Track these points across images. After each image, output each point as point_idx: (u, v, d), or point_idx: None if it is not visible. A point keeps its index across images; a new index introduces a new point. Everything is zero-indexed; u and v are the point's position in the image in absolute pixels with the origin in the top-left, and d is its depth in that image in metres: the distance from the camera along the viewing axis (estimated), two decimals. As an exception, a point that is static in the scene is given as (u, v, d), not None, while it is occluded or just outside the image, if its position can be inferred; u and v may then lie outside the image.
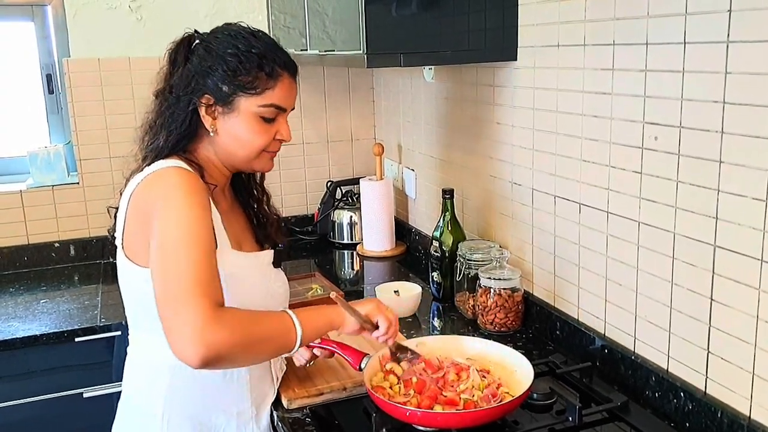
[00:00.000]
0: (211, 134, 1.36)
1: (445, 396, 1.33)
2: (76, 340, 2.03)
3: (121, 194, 1.38)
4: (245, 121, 1.35)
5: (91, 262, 2.59)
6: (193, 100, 1.34)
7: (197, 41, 1.38)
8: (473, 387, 1.35)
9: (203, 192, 1.29)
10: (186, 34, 1.41)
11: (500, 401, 1.30)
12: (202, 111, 1.35)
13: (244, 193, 1.54)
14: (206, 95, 1.34)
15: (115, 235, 1.37)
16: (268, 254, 1.49)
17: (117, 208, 1.39)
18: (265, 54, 1.34)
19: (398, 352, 1.46)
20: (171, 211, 1.24)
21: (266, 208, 1.56)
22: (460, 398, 1.32)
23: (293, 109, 1.42)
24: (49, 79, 2.62)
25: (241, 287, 1.38)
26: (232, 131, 1.36)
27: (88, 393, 2.08)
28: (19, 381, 2.03)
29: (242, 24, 1.40)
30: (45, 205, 2.54)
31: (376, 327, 1.40)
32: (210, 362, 1.13)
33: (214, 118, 1.36)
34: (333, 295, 1.39)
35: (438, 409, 1.30)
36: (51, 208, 2.55)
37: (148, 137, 1.40)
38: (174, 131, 1.36)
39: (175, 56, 1.39)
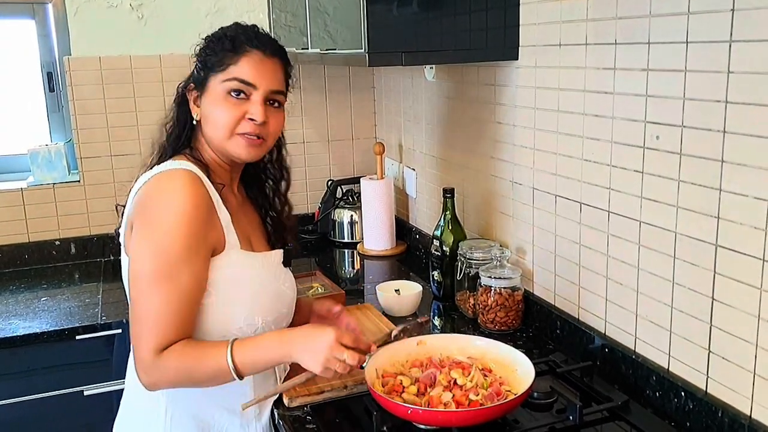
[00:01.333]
0: (195, 123, 1.40)
1: (452, 394, 1.33)
2: (77, 337, 2.03)
3: (129, 192, 1.40)
4: (214, 100, 1.36)
5: (91, 260, 2.60)
6: (184, 93, 1.40)
7: None
8: (477, 386, 1.35)
9: (201, 204, 1.30)
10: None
11: (504, 399, 1.30)
12: (191, 102, 1.40)
13: (262, 199, 1.54)
14: (190, 84, 1.40)
15: (120, 231, 1.38)
16: (278, 254, 1.49)
17: (125, 206, 1.40)
18: (235, 35, 1.37)
19: (385, 342, 1.47)
20: (153, 238, 1.28)
21: (285, 218, 1.56)
22: (468, 398, 1.32)
23: (278, 92, 1.39)
24: (49, 77, 2.62)
25: (248, 288, 1.38)
26: (206, 113, 1.38)
27: (89, 390, 2.08)
28: (20, 379, 2.03)
29: (243, 22, 1.42)
30: (46, 203, 2.54)
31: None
32: (152, 389, 1.32)
33: (198, 106, 1.39)
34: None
35: (441, 407, 1.30)
36: (52, 206, 2.55)
37: (155, 136, 1.45)
38: (172, 127, 1.41)
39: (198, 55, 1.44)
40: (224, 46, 1.36)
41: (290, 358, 1.33)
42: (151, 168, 1.37)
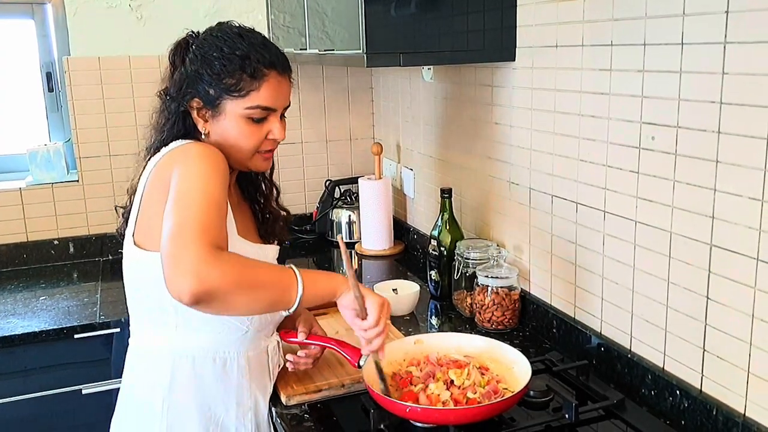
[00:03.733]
0: (203, 137, 1.38)
1: (450, 392, 1.34)
2: (75, 336, 2.04)
3: (128, 191, 1.40)
4: (233, 124, 1.35)
5: (90, 259, 2.60)
6: (183, 104, 1.37)
7: (192, 44, 1.40)
8: (474, 384, 1.36)
9: (223, 162, 1.30)
10: (184, 36, 1.42)
11: (502, 397, 1.31)
12: (194, 114, 1.38)
13: (251, 188, 1.55)
14: (195, 99, 1.36)
15: (127, 223, 1.38)
16: (274, 249, 1.51)
17: (124, 207, 1.41)
18: (249, 55, 1.33)
19: (380, 372, 1.37)
20: (188, 168, 1.26)
21: (274, 204, 1.56)
22: (465, 396, 1.33)
23: (288, 106, 1.41)
24: (48, 77, 2.62)
25: None
26: (222, 134, 1.37)
27: (87, 389, 2.08)
28: (18, 377, 2.04)
29: (234, 23, 1.40)
30: (44, 202, 2.54)
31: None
32: (201, 299, 1.11)
33: (206, 120, 1.38)
34: (339, 237, 1.36)
35: (439, 404, 1.31)
36: (50, 205, 2.55)
37: (148, 134, 1.43)
38: (167, 132, 1.39)
39: (173, 58, 1.42)
40: (237, 67, 1.32)
41: (344, 288, 1.30)
42: (147, 162, 1.37)
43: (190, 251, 1.12)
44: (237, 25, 1.40)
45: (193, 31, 1.42)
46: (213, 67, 1.34)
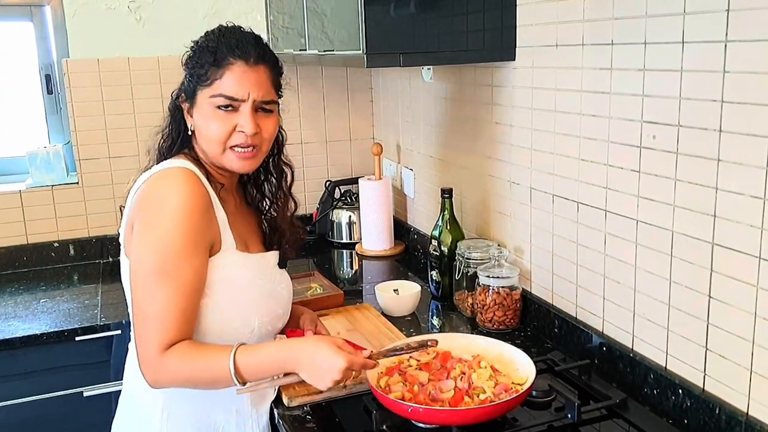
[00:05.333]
0: (190, 133, 1.40)
1: (459, 389, 1.34)
2: (76, 339, 2.04)
3: (128, 193, 1.40)
4: (203, 114, 1.36)
5: (90, 261, 2.60)
6: (176, 102, 1.41)
7: None
8: (485, 382, 1.36)
9: (199, 201, 1.30)
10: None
11: (514, 394, 1.31)
12: (185, 112, 1.40)
13: (257, 194, 1.54)
14: (181, 94, 1.40)
15: (120, 232, 1.39)
16: (274, 255, 1.50)
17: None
18: (218, 46, 1.34)
19: (388, 355, 1.41)
20: (153, 235, 1.28)
21: (288, 219, 1.54)
22: (475, 395, 1.33)
23: (260, 100, 1.35)
24: (48, 79, 2.62)
25: (244, 289, 1.39)
26: (198, 126, 1.38)
27: (88, 392, 2.08)
28: (19, 380, 2.03)
29: (230, 24, 1.41)
30: (44, 205, 2.54)
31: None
32: (161, 388, 1.33)
33: (191, 116, 1.40)
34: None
35: (444, 403, 1.31)
36: (50, 208, 2.55)
37: (151, 140, 1.45)
38: (167, 134, 1.42)
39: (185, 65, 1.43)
40: (207, 58, 1.34)
41: (294, 369, 1.29)
42: (149, 169, 1.37)
43: (142, 353, 1.30)
44: (231, 25, 1.40)
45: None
46: (190, 60, 1.37)
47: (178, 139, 1.41)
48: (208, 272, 1.33)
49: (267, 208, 1.55)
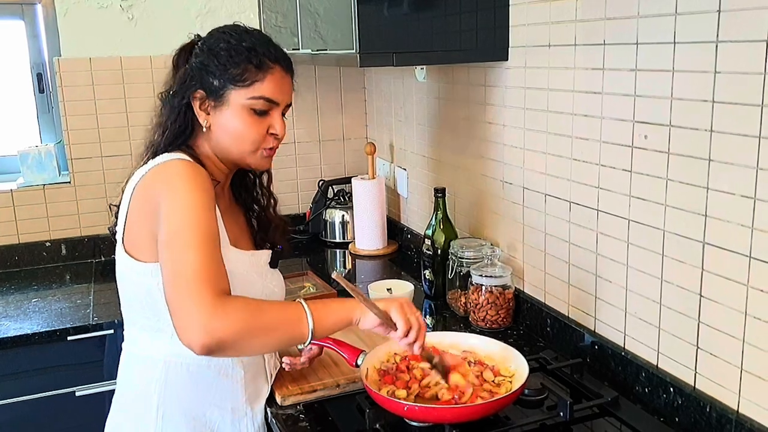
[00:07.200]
0: (205, 130, 1.38)
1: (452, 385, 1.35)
2: (69, 338, 2.03)
3: (122, 191, 1.39)
4: (236, 114, 1.35)
5: (82, 261, 2.59)
6: (186, 96, 1.36)
7: (197, 43, 1.40)
8: (480, 379, 1.37)
9: (208, 181, 1.30)
10: (189, 40, 1.43)
11: (508, 392, 1.32)
12: (196, 106, 1.37)
13: (245, 195, 1.54)
14: (199, 90, 1.36)
15: (116, 230, 1.38)
16: (266, 254, 1.50)
17: (118, 206, 1.40)
18: (255, 47, 1.34)
19: (431, 360, 1.38)
20: (176, 200, 1.25)
21: (272, 212, 1.56)
22: (464, 393, 1.33)
23: (290, 105, 1.42)
24: (39, 78, 2.61)
25: (237, 285, 1.38)
26: (224, 125, 1.36)
27: (81, 391, 2.08)
28: (11, 380, 2.03)
29: (240, 24, 1.41)
30: (36, 204, 2.53)
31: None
32: (213, 350, 1.14)
33: (207, 113, 1.37)
34: (335, 274, 1.36)
35: (438, 397, 1.31)
36: (42, 207, 2.54)
37: (148, 136, 1.42)
38: (169, 128, 1.38)
39: (177, 60, 1.42)
40: (245, 57, 1.33)
41: (360, 312, 1.28)
42: (145, 164, 1.36)
43: (195, 304, 1.14)
44: (244, 25, 1.41)
45: (198, 35, 1.43)
46: (219, 57, 1.34)
47: (182, 135, 1.39)
48: None
49: (253, 204, 1.55)
